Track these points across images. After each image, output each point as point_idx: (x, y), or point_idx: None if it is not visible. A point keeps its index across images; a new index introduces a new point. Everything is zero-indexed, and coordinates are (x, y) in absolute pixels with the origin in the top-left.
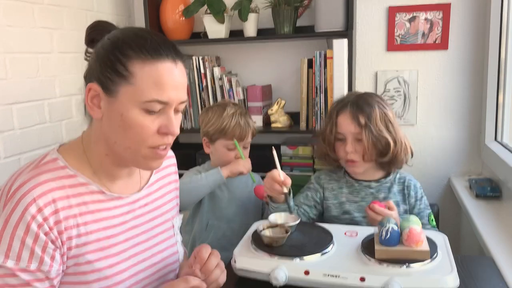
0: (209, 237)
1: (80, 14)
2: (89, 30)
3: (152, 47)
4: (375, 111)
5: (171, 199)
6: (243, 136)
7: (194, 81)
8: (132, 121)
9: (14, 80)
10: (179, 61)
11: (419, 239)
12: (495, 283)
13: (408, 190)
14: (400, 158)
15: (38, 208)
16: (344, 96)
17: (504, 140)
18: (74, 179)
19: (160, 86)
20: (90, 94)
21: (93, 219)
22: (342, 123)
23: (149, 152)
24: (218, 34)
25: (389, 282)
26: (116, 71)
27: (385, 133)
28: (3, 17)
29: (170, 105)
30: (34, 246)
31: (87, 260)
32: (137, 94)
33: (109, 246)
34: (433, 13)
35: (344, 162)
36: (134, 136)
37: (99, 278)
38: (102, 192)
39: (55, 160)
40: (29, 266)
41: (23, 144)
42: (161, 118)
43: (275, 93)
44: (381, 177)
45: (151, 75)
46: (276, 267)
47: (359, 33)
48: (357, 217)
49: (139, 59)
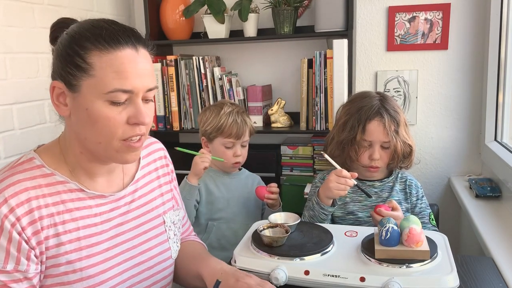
0: (208, 238)
1: (80, 14)
2: (52, 28)
3: (108, 35)
4: (401, 118)
5: (161, 193)
6: (240, 134)
7: (194, 81)
8: (97, 114)
9: (14, 80)
10: (141, 47)
11: (419, 239)
12: (495, 283)
13: (410, 189)
14: (413, 159)
15: (10, 208)
16: (363, 98)
17: (504, 140)
18: (51, 178)
19: (122, 75)
20: (55, 92)
21: (71, 218)
22: (373, 131)
23: (121, 145)
24: (218, 34)
25: (389, 282)
26: (76, 64)
27: (409, 140)
28: (3, 17)
29: (136, 93)
30: (9, 247)
31: (67, 260)
32: (99, 85)
33: (91, 245)
34: (433, 13)
35: (364, 168)
36: (102, 130)
37: (81, 278)
38: (82, 190)
39: (31, 160)
40: (5, 267)
41: (23, 144)
42: (129, 108)
43: (275, 93)
44: (383, 177)
45: (111, 64)
46: (276, 267)
47: (359, 33)
48: (361, 217)
49: (97, 50)
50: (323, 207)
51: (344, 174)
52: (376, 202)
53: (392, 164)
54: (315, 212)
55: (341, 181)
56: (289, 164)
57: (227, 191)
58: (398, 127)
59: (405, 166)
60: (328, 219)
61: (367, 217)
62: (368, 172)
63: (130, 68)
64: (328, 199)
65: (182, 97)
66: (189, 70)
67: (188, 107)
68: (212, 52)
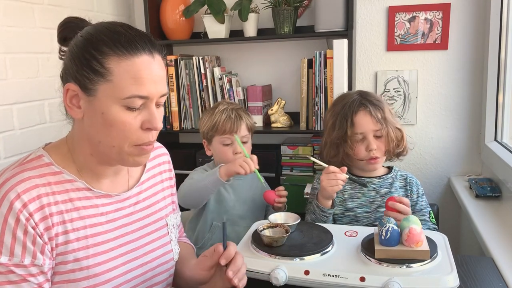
0: (212, 238)
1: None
2: (60, 27)
3: (127, 41)
4: (385, 106)
5: (164, 197)
6: (235, 129)
7: (194, 81)
8: (113, 119)
9: (14, 80)
10: (156, 53)
11: (419, 239)
12: (495, 283)
13: (410, 187)
14: (406, 144)
15: (23, 203)
16: (344, 98)
17: (504, 140)
18: (60, 176)
19: (139, 81)
20: (69, 95)
21: (79, 216)
22: (361, 122)
23: (133, 149)
24: (218, 34)
25: (389, 282)
26: (93, 69)
27: (397, 124)
28: (3, 17)
29: (151, 99)
30: (26, 240)
31: (74, 258)
32: (116, 91)
33: (97, 243)
34: (433, 13)
35: (365, 162)
36: (117, 134)
37: (87, 276)
38: (89, 189)
39: (40, 157)
40: (22, 261)
41: (23, 144)
42: (143, 113)
43: (275, 93)
44: (383, 173)
45: (128, 71)
46: (276, 267)
47: (359, 33)
48: (360, 213)
49: (115, 55)
50: (323, 210)
51: (332, 170)
52: (374, 197)
53: (389, 152)
54: (316, 215)
55: (331, 177)
56: (289, 164)
57: (234, 192)
58: (384, 113)
59: (401, 151)
60: (329, 220)
61: (366, 213)
62: (369, 165)
63: (146, 74)
64: (326, 200)
65: (182, 97)
66: (189, 70)
67: (188, 107)
68: (212, 52)
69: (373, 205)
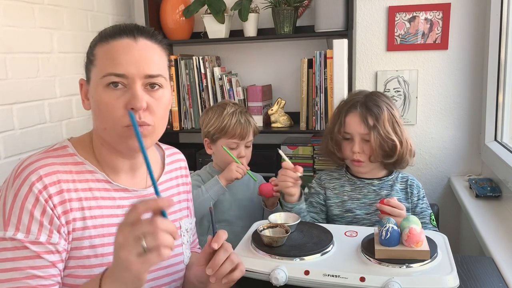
0: None
1: (80, 14)
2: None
3: (113, 30)
4: (383, 112)
5: (179, 200)
6: (244, 135)
7: (194, 81)
8: (99, 100)
9: (14, 80)
10: (142, 38)
11: (419, 239)
12: (495, 283)
13: (411, 189)
14: (405, 159)
15: (44, 185)
16: (352, 95)
17: (504, 140)
18: (82, 166)
19: (116, 61)
20: (83, 89)
21: (97, 205)
22: (351, 123)
23: (124, 130)
24: (218, 34)
25: (389, 282)
26: (89, 59)
27: (393, 135)
28: (3, 17)
29: (131, 79)
30: (42, 219)
31: (91, 244)
32: (97, 73)
33: (112, 233)
34: (433, 13)
35: (349, 162)
36: (105, 115)
37: (101, 263)
38: (108, 181)
39: (65, 147)
40: (38, 238)
41: (23, 144)
42: (126, 94)
43: (275, 93)
44: (383, 175)
45: (107, 52)
46: (276, 267)
47: (359, 33)
48: (359, 215)
49: (100, 42)
50: (285, 205)
51: (285, 167)
52: (374, 200)
53: (378, 159)
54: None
55: (282, 173)
56: None
57: (230, 193)
58: (378, 121)
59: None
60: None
61: (365, 215)
62: (354, 167)
63: (124, 54)
64: (289, 196)
65: (182, 97)
66: (189, 70)
67: (188, 107)
68: (212, 52)
69: (373, 207)
